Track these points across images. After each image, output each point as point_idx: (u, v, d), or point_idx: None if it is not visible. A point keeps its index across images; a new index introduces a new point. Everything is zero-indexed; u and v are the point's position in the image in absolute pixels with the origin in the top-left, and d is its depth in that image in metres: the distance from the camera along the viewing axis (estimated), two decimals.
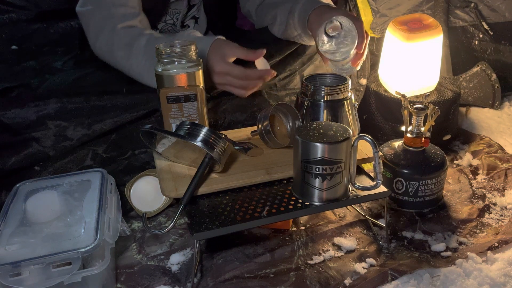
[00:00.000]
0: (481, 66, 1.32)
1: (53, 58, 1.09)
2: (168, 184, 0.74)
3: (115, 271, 0.76)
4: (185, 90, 0.82)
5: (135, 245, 0.82)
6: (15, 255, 0.65)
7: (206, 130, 0.72)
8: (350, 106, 0.83)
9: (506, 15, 1.34)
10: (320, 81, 0.87)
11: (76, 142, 0.89)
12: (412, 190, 0.88)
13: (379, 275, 0.73)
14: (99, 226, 0.70)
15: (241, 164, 0.80)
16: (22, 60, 1.09)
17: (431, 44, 1.06)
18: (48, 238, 0.69)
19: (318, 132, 0.70)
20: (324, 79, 0.87)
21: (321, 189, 0.71)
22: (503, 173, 1.01)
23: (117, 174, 0.89)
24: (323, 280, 0.73)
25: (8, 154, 0.86)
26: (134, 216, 0.90)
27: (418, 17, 1.08)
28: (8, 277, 0.63)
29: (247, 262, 0.77)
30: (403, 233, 0.85)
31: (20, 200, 0.78)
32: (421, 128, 0.88)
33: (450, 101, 1.10)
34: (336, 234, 0.84)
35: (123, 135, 0.93)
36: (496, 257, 0.78)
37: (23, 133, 0.88)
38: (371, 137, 0.70)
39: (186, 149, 0.77)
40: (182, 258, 0.79)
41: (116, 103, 0.93)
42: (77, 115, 0.91)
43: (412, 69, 1.08)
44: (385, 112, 1.12)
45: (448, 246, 0.81)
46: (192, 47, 0.83)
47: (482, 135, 1.18)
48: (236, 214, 0.70)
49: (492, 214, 0.89)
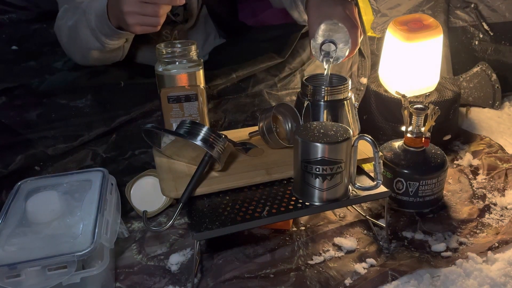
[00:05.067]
0: (481, 66, 1.32)
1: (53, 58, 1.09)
2: (168, 184, 0.74)
3: (115, 271, 0.76)
4: (186, 90, 0.82)
5: (135, 245, 0.82)
6: (13, 257, 0.65)
7: (206, 129, 0.72)
8: (350, 106, 0.83)
9: (506, 15, 1.34)
10: (320, 81, 0.87)
11: (76, 142, 0.89)
12: (412, 190, 0.88)
13: (379, 275, 0.73)
14: (96, 229, 0.70)
15: (241, 164, 0.80)
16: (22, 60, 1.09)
17: (431, 44, 1.06)
18: (46, 239, 0.68)
19: (318, 132, 0.70)
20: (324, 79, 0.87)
21: (321, 189, 0.71)
22: (503, 173, 1.01)
23: (117, 174, 0.89)
24: (323, 280, 0.73)
25: (8, 154, 0.86)
26: (134, 216, 0.90)
27: (418, 17, 1.08)
28: (5, 278, 0.63)
29: (247, 262, 0.77)
30: (403, 233, 0.85)
31: (21, 199, 0.78)
32: (421, 128, 0.88)
33: (450, 101, 1.10)
34: (336, 234, 0.84)
35: (123, 135, 0.92)
36: (496, 257, 0.78)
37: (23, 133, 0.88)
38: (371, 137, 0.70)
39: (186, 147, 0.77)
40: (182, 258, 0.79)
41: (116, 103, 0.93)
42: (77, 115, 0.91)
43: (412, 69, 1.08)
44: (385, 112, 1.12)
45: (448, 246, 0.81)
46: (193, 47, 0.83)
47: (482, 135, 1.18)
48: (236, 214, 0.70)
49: (493, 214, 0.89)
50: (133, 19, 0.84)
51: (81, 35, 0.95)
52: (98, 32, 0.92)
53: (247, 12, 1.35)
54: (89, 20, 0.92)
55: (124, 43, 1.00)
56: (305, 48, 1.10)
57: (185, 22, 1.15)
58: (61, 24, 1.01)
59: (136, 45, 1.10)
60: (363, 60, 1.17)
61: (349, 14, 0.84)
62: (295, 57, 1.08)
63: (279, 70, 1.06)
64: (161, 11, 0.84)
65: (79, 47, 0.99)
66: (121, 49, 1.02)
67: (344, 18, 0.83)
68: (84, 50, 0.99)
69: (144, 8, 0.83)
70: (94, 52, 0.98)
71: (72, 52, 1.03)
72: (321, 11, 0.86)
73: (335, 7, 0.85)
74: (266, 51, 1.07)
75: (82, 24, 0.94)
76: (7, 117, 0.88)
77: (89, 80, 0.98)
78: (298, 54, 1.09)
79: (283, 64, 1.07)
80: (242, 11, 1.35)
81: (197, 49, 0.84)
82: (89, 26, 0.93)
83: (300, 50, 1.09)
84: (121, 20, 0.86)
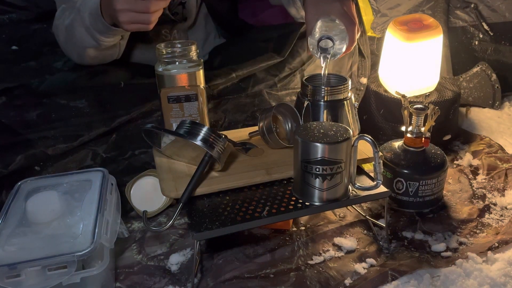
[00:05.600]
0: (481, 66, 1.32)
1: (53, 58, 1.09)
2: (168, 184, 0.74)
3: (115, 271, 0.76)
4: (186, 90, 0.82)
5: (135, 245, 0.82)
6: (13, 257, 0.65)
7: (206, 129, 0.72)
8: (350, 106, 0.83)
9: (506, 15, 1.34)
10: (320, 81, 0.87)
11: (76, 142, 0.89)
12: (412, 190, 0.88)
13: (379, 275, 0.73)
14: (96, 229, 0.70)
15: (241, 164, 0.80)
16: (22, 60, 1.09)
17: (431, 44, 1.06)
18: (46, 239, 0.68)
19: (318, 132, 0.70)
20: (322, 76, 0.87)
21: (321, 189, 0.71)
22: (503, 173, 1.01)
23: (117, 174, 0.89)
24: (323, 280, 0.73)
25: (8, 155, 0.86)
26: (134, 216, 0.90)
27: (418, 17, 1.08)
28: (5, 278, 0.63)
29: (247, 262, 0.77)
30: (403, 233, 0.85)
31: (21, 199, 0.78)
32: (421, 128, 0.88)
33: (450, 101, 1.10)
34: (336, 234, 0.84)
35: (123, 135, 0.92)
36: (496, 257, 0.78)
37: (23, 133, 0.88)
38: (371, 137, 0.70)
39: (186, 147, 0.77)
40: (182, 258, 0.79)
41: (116, 103, 0.93)
42: (77, 115, 0.91)
43: (412, 69, 1.08)
44: (385, 112, 1.12)
45: (448, 246, 0.81)
46: (193, 47, 0.83)
47: (482, 135, 1.18)
48: (236, 214, 0.70)
49: (492, 214, 0.89)
50: (125, 17, 0.84)
51: (77, 33, 0.95)
52: (93, 29, 0.92)
53: (247, 12, 1.36)
54: (83, 18, 0.93)
55: (120, 41, 1.00)
56: (305, 48, 1.10)
57: (184, 20, 1.15)
58: (59, 24, 1.01)
59: (136, 45, 1.10)
60: (363, 60, 1.17)
61: (346, 11, 0.84)
62: (295, 57, 1.08)
63: (279, 70, 1.06)
64: (152, 7, 0.84)
65: (76, 45, 0.99)
66: (117, 47, 1.02)
67: (341, 14, 0.83)
68: (80, 49, 0.99)
69: (135, 5, 0.84)
70: (90, 51, 0.98)
71: (69, 51, 1.03)
72: (319, 8, 0.86)
73: (332, 4, 0.84)
74: (266, 51, 1.07)
75: (77, 23, 0.94)
76: (7, 117, 0.88)
77: (89, 80, 0.99)
78: (298, 54, 1.09)
79: (283, 64, 1.07)
80: (242, 11, 1.35)
81: (197, 49, 0.84)
82: (83, 25, 0.93)
83: (300, 50, 1.09)
84: (114, 18, 0.86)
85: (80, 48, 0.98)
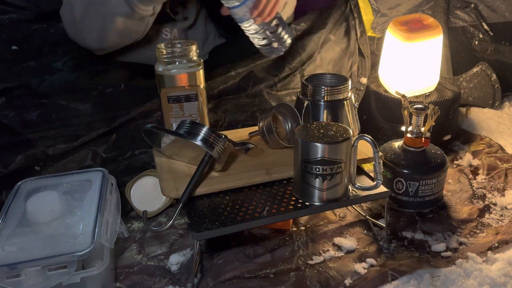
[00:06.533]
0: (481, 66, 1.32)
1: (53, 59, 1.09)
2: (169, 184, 0.74)
3: (115, 271, 0.76)
4: (186, 90, 0.82)
5: (135, 245, 0.82)
6: (13, 257, 0.65)
7: (206, 129, 0.72)
8: (350, 106, 0.83)
9: (506, 15, 1.34)
10: (320, 81, 0.87)
11: (76, 142, 0.89)
12: (412, 190, 0.88)
13: (379, 275, 0.73)
14: (96, 229, 0.70)
15: (241, 164, 0.80)
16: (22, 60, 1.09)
17: (431, 44, 1.06)
18: (46, 239, 0.68)
19: (318, 132, 0.70)
20: (324, 79, 0.87)
21: (321, 189, 0.71)
22: (503, 173, 1.01)
23: (117, 174, 0.89)
24: (323, 280, 0.73)
25: (8, 155, 0.86)
26: (134, 216, 0.90)
27: (418, 17, 1.08)
28: (5, 278, 0.63)
29: (247, 262, 0.77)
30: (403, 233, 0.85)
31: (21, 199, 0.78)
32: (421, 128, 0.88)
33: (450, 101, 1.10)
34: (336, 234, 0.84)
35: (123, 135, 0.93)
36: (496, 257, 0.78)
37: (23, 133, 0.88)
38: (371, 137, 0.70)
39: (186, 147, 0.77)
40: (182, 258, 0.79)
41: (116, 103, 0.93)
42: (77, 115, 0.91)
43: (412, 69, 1.08)
44: (385, 112, 1.12)
45: (448, 246, 0.81)
46: (193, 47, 0.83)
47: (482, 135, 1.18)
48: (236, 214, 0.70)
49: (492, 214, 0.89)
50: None
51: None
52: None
53: None
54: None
55: (150, 17, 0.95)
56: (305, 48, 1.10)
57: (185, 20, 1.15)
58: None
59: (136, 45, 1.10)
60: (363, 60, 1.17)
61: None
62: (295, 57, 1.09)
63: (279, 70, 1.06)
64: None
65: (102, 15, 0.92)
66: (145, 22, 0.96)
67: None
68: (107, 20, 0.92)
69: None
70: (119, 21, 0.91)
71: (88, 27, 0.95)
72: None
73: None
74: None
75: None
76: (7, 117, 0.88)
77: (89, 81, 0.98)
78: (298, 54, 1.09)
79: (283, 64, 1.07)
80: None
81: (197, 49, 0.84)
82: None
83: (300, 50, 1.09)
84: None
85: (108, 17, 0.91)
